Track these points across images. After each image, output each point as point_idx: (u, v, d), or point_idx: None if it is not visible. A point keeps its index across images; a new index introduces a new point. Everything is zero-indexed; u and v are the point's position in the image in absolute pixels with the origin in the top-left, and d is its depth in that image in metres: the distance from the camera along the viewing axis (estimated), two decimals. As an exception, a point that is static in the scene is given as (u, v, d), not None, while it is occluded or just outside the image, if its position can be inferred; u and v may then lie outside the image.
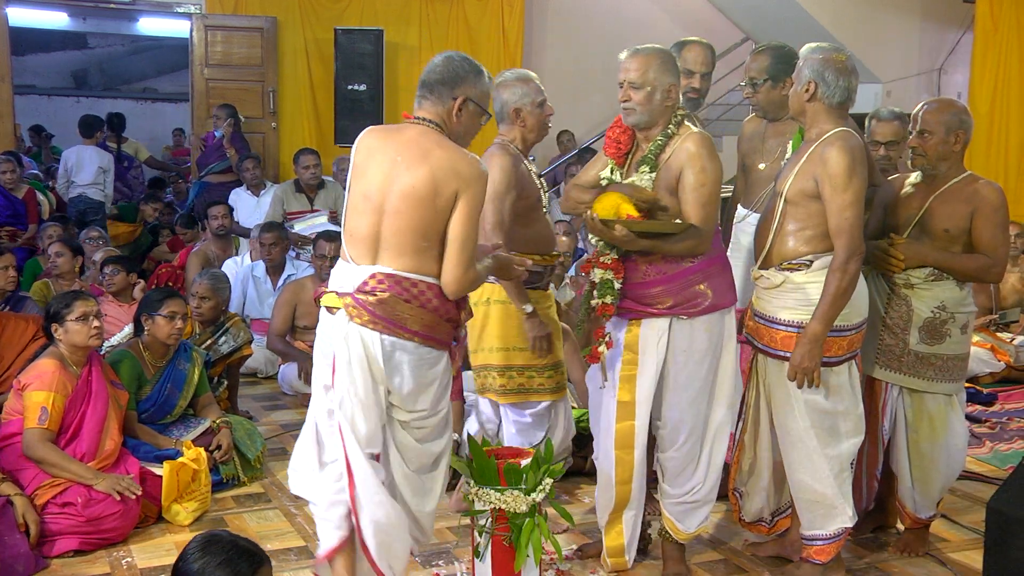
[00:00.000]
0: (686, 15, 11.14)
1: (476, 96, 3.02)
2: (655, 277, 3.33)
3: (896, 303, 3.63)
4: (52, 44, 15.74)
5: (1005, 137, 8.89)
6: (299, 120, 9.98)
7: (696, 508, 3.51)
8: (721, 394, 3.46)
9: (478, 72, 3.03)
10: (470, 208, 2.86)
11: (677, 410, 3.39)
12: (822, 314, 3.22)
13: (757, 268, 3.44)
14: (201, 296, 5.23)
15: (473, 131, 3.09)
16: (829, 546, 3.47)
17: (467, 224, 2.86)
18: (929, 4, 9.95)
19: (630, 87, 3.28)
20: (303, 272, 7.03)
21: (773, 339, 3.37)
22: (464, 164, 2.88)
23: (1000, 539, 3.18)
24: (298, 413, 5.76)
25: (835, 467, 3.39)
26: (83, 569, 3.66)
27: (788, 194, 3.33)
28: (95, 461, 3.90)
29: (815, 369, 3.25)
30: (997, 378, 6.37)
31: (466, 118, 3.02)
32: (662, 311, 3.33)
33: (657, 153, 3.30)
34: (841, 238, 3.22)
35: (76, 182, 8.75)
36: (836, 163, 3.21)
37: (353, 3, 10.08)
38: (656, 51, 3.31)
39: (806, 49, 3.39)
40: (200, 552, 2.28)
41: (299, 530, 4.01)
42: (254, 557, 2.31)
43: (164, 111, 16.15)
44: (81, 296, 4.07)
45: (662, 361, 3.36)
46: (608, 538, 3.55)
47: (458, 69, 2.99)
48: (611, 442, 3.44)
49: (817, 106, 3.32)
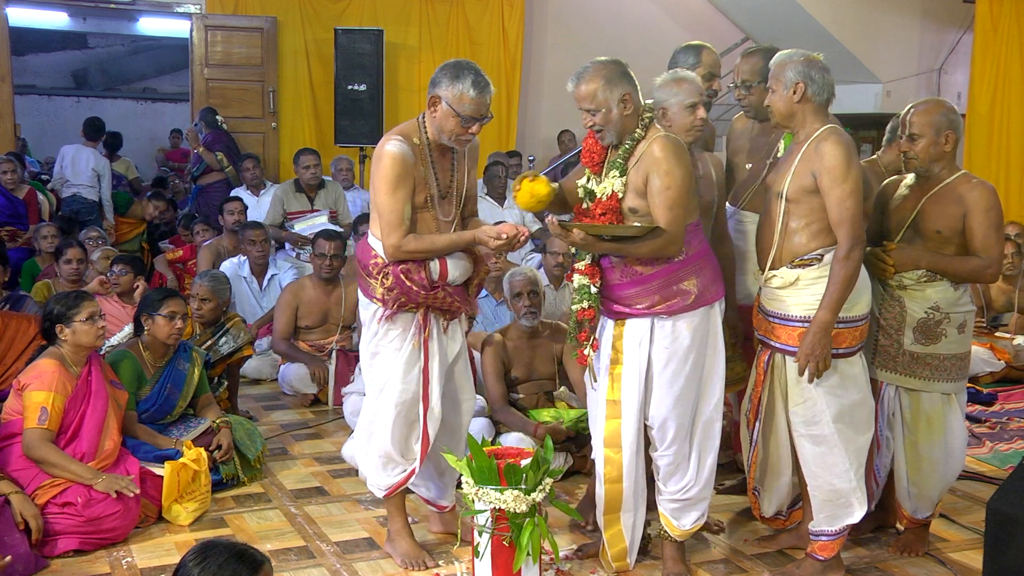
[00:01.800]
0: (686, 15, 11.14)
1: (448, 97, 3.36)
2: (629, 279, 3.37)
3: (889, 304, 3.64)
4: (52, 44, 15.75)
5: (1005, 137, 8.89)
6: (299, 120, 9.99)
7: (690, 506, 3.51)
8: (710, 391, 3.46)
9: (455, 76, 3.36)
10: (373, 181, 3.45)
11: (664, 408, 3.40)
12: (830, 303, 3.27)
13: (768, 268, 3.45)
14: (201, 298, 5.23)
15: (446, 128, 3.42)
16: (833, 542, 3.50)
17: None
18: (929, 4, 9.95)
19: (588, 114, 3.34)
20: (285, 272, 7.05)
21: (791, 336, 3.38)
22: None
23: (1000, 539, 3.18)
24: (298, 413, 5.76)
25: (855, 462, 3.43)
26: (83, 569, 3.65)
27: (788, 193, 3.36)
28: (95, 461, 3.90)
29: (825, 357, 3.29)
30: (997, 377, 6.36)
31: (439, 116, 3.41)
32: (641, 311, 3.36)
33: (626, 157, 3.34)
34: (843, 228, 3.27)
35: (71, 181, 8.75)
36: (833, 156, 3.26)
37: (353, 3, 10.09)
38: (597, 70, 3.32)
39: (781, 56, 3.43)
40: (199, 558, 2.28)
41: (299, 530, 4.01)
42: (253, 560, 2.30)
43: (164, 111, 16.17)
44: (86, 297, 4.07)
45: (645, 360, 3.38)
46: (608, 539, 3.55)
47: (438, 71, 3.40)
48: (600, 441, 3.47)
49: (807, 106, 3.36)
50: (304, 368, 5.94)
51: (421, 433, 3.59)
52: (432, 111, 3.43)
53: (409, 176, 3.41)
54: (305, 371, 5.93)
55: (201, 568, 2.23)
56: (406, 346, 3.54)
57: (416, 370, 3.56)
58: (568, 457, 4.60)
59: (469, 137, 3.46)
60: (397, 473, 3.63)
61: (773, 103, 3.43)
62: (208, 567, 2.23)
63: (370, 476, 3.70)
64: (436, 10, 10.37)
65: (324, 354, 6.03)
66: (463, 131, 3.41)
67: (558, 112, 10.57)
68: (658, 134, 3.33)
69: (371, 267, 3.51)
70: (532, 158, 10.57)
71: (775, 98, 3.41)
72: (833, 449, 3.40)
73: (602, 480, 3.48)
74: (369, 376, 3.65)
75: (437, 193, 3.52)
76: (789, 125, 3.44)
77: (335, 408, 5.75)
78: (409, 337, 3.54)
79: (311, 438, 5.30)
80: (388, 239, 3.42)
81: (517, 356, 4.79)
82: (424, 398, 3.58)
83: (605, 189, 3.35)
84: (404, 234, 3.41)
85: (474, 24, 10.53)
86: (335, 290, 6.17)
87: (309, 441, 5.24)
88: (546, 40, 11.01)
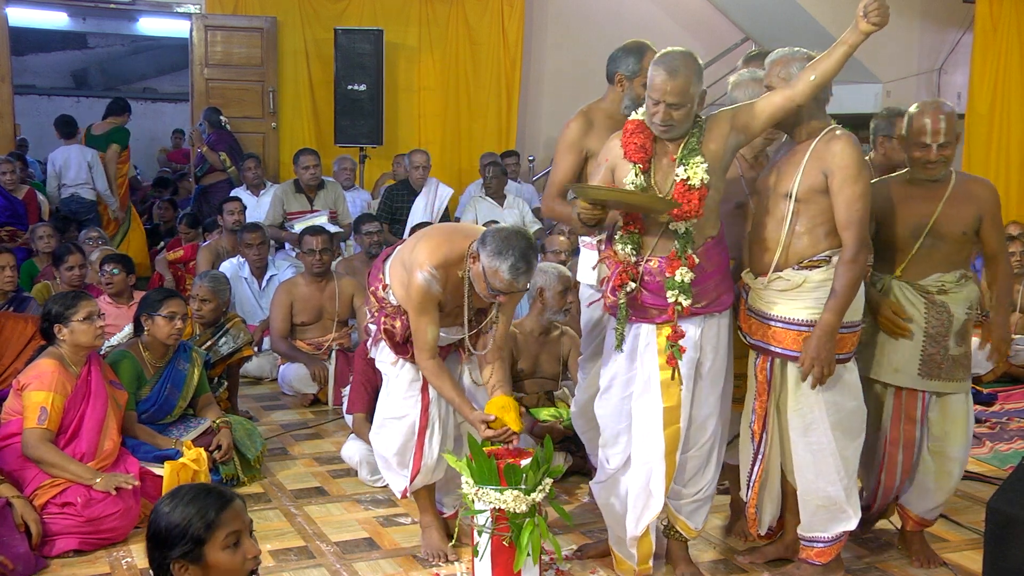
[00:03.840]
0: (686, 15, 11.14)
1: (485, 264, 3.35)
2: (697, 276, 3.26)
3: (935, 312, 3.55)
4: (52, 44, 15.73)
5: (1005, 137, 8.88)
6: (299, 120, 9.98)
7: (705, 504, 3.51)
8: (729, 388, 3.47)
9: (498, 252, 3.31)
10: None
11: (708, 407, 3.37)
12: (835, 306, 3.20)
13: (772, 270, 3.34)
14: (202, 299, 5.23)
15: (476, 284, 3.44)
16: (830, 548, 3.47)
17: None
18: (929, 4, 9.94)
19: (670, 108, 3.16)
20: (285, 271, 7.05)
21: (796, 341, 3.30)
22: None
23: (1000, 539, 3.18)
24: (298, 413, 5.76)
25: (849, 468, 3.39)
26: (83, 569, 3.65)
27: (799, 193, 3.27)
28: (94, 461, 3.90)
29: (831, 362, 3.23)
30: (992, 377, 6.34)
31: (474, 271, 3.45)
32: (697, 310, 3.28)
33: (699, 143, 3.23)
34: (850, 230, 3.21)
35: (66, 183, 8.74)
36: (847, 155, 3.21)
37: (353, 3, 10.09)
38: (689, 64, 3.16)
39: (780, 54, 3.38)
40: (168, 498, 2.34)
41: (299, 530, 4.01)
42: (222, 495, 2.35)
43: (164, 111, 16.15)
44: (84, 296, 4.08)
45: (696, 361, 3.32)
46: (640, 543, 3.47)
47: (489, 234, 3.39)
48: (661, 450, 3.33)
49: (811, 104, 3.28)
50: (304, 368, 5.94)
51: (415, 447, 3.66)
52: (471, 262, 3.46)
53: (434, 304, 3.53)
54: (305, 371, 5.93)
55: (171, 507, 2.29)
56: (400, 363, 3.69)
57: (414, 386, 3.67)
58: (568, 457, 4.61)
59: (494, 301, 3.54)
60: (403, 477, 3.73)
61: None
62: (177, 505, 2.29)
63: (383, 475, 3.91)
64: (436, 10, 10.36)
65: (323, 353, 6.03)
66: (490, 295, 3.46)
67: (558, 112, 10.55)
68: (711, 114, 3.32)
69: (376, 291, 3.70)
70: (532, 158, 10.57)
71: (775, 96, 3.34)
72: (828, 457, 3.35)
73: (661, 489, 3.34)
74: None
75: (469, 310, 3.59)
76: (784, 127, 3.38)
77: (335, 408, 5.75)
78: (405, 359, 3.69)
79: (311, 438, 5.30)
80: (416, 352, 3.59)
81: (526, 349, 4.81)
82: (423, 413, 3.65)
83: (694, 174, 3.18)
84: (428, 357, 3.55)
85: (474, 24, 10.53)
86: (328, 285, 6.17)
87: (309, 441, 5.24)
88: (546, 40, 11.00)
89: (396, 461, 3.71)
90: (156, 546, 2.29)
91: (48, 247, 6.86)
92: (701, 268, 3.25)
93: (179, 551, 2.25)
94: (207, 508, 2.28)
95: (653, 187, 3.26)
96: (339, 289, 6.16)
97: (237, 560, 2.30)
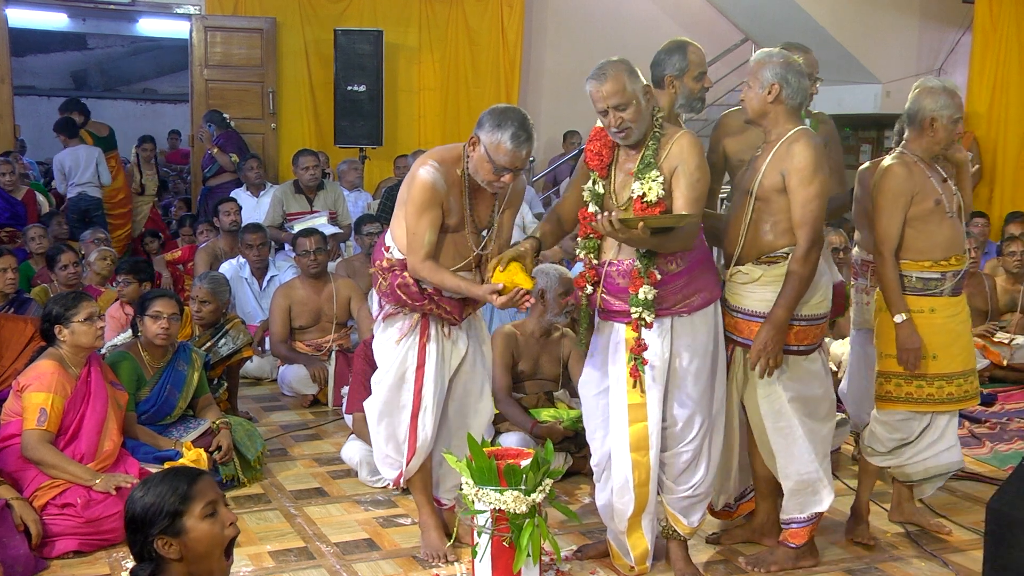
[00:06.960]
0: (686, 15, 11.14)
1: (486, 143, 3.35)
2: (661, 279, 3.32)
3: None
4: (52, 45, 15.75)
5: (1004, 137, 8.88)
6: (299, 121, 9.99)
7: (699, 502, 3.54)
8: (719, 385, 3.49)
9: (497, 124, 3.33)
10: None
11: (689, 406, 3.41)
12: (786, 301, 3.35)
13: (733, 264, 3.51)
14: (201, 300, 5.23)
15: (480, 172, 3.41)
16: (803, 529, 3.60)
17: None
18: (928, 4, 9.94)
19: (616, 111, 3.24)
20: (285, 272, 7.04)
21: (752, 331, 3.44)
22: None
23: (1000, 539, 3.19)
24: (298, 414, 5.76)
25: (820, 450, 3.55)
26: (83, 570, 3.65)
27: (759, 191, 3.42)
28: (94, 462, 3.90)
29: (778, 353, 3.38)
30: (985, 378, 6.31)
31: (475, 158, 3.41)
32: (664, 311, 3.34)
33: (655, 156, 3.30)
34: (804, 229, 3.34)
35: (75, 182, 8.77)
36: (802, 157, 3.32)
37: (353, 3, 10.09)
38: (615, 66, 3.25)
39: (761, 54, 3.46)
40: (140, 487, 2.42)
41: (299, 531, 4.01)
42: (191, 473, 2.45)
43: (164, 112, 16.18)
44: (85, 297, 4.08)
45: (667, 359, 3.37)
46: (632, 544, 3.53)
47: (486, 113, 3.39)
48: (626, 446, 3.42)
49: (779, 108, 3.40)
50: (303, 369, 5.94)
51: (408, 433, 3.65)
52: (471, 149, 3.43)
53: (437, 204, 3.45)
54: (304, 372, 5.93)
55: (143, 492, 2.38)
56: (403, 346, 3.61)
57: (410, 371, 3.61)
58: (568, 457, 4.61)
59: (501, 184, 3.45)
60: (395, 467, 3.73)
61: (748, 100, 3.46)
62: (148, 489, 2.38)
63: (378, 464, 3.87)
64: (436, 11, 10.37)
65: (323, 354, 6.03)
66: (495, 178, 3.41)
67: (558, 112, 10.57)
68: (680, 130, 3.35)
69: (381, 264, 3.63)
70: (532, 159, 10.56)
71: (750, 95, 3.44)
72: (799, 441, 3.51)
73: (631, 485, 3.43)
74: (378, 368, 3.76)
75: (471, 223, 3.54)
76: (761, 123, 3.48)
77: (335, 409, 5.74)
78: (407, 339, 3.60)
79: (311, 439, 5.30)
80: (408, 257, 3.51)
81: (527, 351, 4.81)
82: (416, 400, 3.63)
83: (649, 189, 3.25)
84: (423, 258, 3.46)
85: (474, 24, 10.53)
86: (325, 287, 6.17)
87: (309, 442, 5.24)
88: (546, 40, 11.00)
89: (391, 446, 3.70)
90: (135, 530, 2.37)
91: (40, 248, 6.86)
92: (663, 270, 3.30)
93: (159, 527, 2.32)
94: (178, 483, 2.38)
95: (611, 196, 3.39)
96: (336, 291, 6.15)
97: (217, 528, 2.38)
